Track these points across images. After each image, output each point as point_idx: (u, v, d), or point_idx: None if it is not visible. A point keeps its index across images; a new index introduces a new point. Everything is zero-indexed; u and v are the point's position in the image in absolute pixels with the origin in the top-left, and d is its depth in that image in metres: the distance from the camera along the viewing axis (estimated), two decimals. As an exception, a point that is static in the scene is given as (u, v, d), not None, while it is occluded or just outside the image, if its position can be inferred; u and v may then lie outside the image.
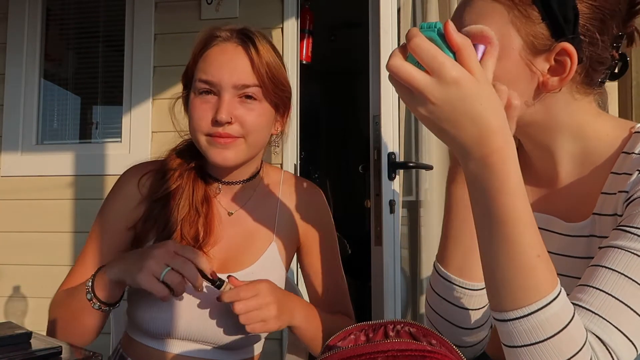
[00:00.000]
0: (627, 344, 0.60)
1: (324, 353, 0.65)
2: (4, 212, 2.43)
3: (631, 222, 0.65)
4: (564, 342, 0.57)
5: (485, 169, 0.57)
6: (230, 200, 1.06)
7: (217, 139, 0.94)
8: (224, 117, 0.92)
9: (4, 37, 2.48)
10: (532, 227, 0.59)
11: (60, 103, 2.67)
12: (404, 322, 0.68)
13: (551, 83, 0.69)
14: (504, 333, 0.60)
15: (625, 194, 0.68)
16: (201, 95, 0.95)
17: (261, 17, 2.29)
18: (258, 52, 0.95)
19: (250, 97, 0.95)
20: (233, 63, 0.94)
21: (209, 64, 0.95)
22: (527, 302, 0.57)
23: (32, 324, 2.33)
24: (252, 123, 0.95)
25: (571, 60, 0.68)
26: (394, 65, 0.55)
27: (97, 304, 0.88)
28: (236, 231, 1.04)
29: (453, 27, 0.55)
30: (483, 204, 0.59)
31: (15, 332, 0.74)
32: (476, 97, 0.55)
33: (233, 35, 0.96)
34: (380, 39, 1.76)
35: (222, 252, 1.02)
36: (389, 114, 1.76)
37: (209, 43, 0.97)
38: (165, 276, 0.84)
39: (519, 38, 0.68)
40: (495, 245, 0.59)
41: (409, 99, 0.57)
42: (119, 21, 2.44)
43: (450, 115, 0.55)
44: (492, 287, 0.61)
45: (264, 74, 0.95)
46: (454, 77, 0.54)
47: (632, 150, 0.71)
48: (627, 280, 0.61)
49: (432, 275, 0.81)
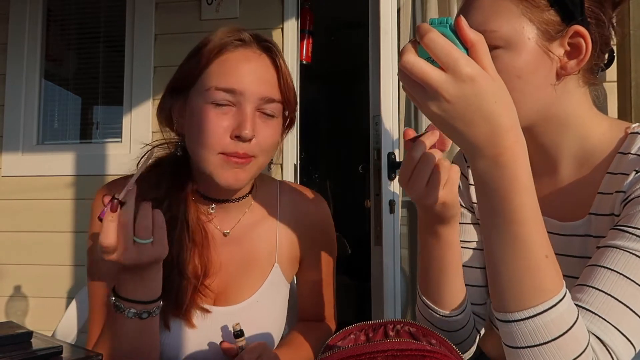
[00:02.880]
0: (626, 344, 0.60)
1: (324, 353, 0.65)
2: (4, 212, 2.43)
3: (629, 222, 0.65)
4: (569, 343, 0.56)
5: (496, 168, 0.56)
6: (223, 218, 0.95)
7: (234, 159, 0.82)
8: (249, 132, 0.81)
9: (4, 37, 2.49)
10: (541, 227, 0.59)
11: (61, 103, 2.67)
12: (404, 322, 0.68)
13: (570, 66, 0.70)
14: (507, 334, 0.60)
15: (622, 194, 0.68)
16: (218, 106, 0.82)
17: (261, 17, 2.29)
18: (283, 60, 0.87)
19: (268, 114, 0.85)
20: (260, 72, 0.84)
21: (230, 71, 0.83)
22: (534, 303, 0.57)
23: (33, 323, 2.33)
24: (269, 142, 0.86)
25: (585, 41, 0.69)
26: (408, 62, 0.54)
27: (131, 310, 0.78)
28: (234, 254, 0.94)
29: (466, 23, 0.54)
30: (492, 204, 0.58)
31: (16, 331, 0.74)
32: (490, 94, 0.54)
33: (252, 40, 0.86)
34: (380, 39, 1.77)
35: (222, 282, 0.92)
36: (389, 114, 1.77)
37: (227, 45, 0.84)
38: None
39: (534, 27, 0.69)
40: (503, 245, 0.58)
41: (420, 97, 0.56)
42: (120, 21, 2.44)
43: (463, 113, 0.54)
44: (497, 287, 0.60)
45: (288, 89, 0.87)
46: (469, 74, 0.52)
47: (628, 150, 0.71)
48: (626, 281, 0.61)
49: (417, 299, 0.85)
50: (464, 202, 0.93)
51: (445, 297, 0.80)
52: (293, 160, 2.23)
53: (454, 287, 0.80)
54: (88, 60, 2.73)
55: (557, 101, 0.73)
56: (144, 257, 0.75)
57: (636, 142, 0.72)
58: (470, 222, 0.92)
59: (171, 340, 0.87)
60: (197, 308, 0.88)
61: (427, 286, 0.82)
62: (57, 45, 2.65)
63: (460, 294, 0.82)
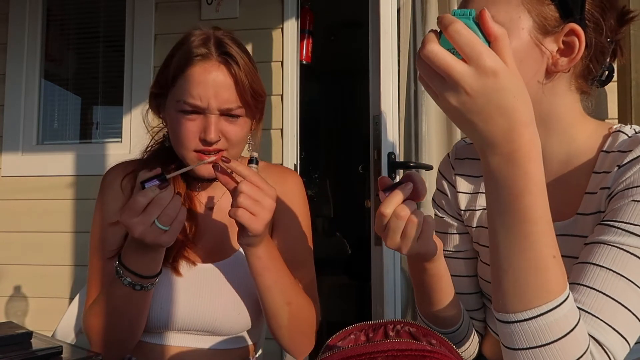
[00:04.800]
0: (621, 341, 0.59)
1: (324, 353, 0.65)
2: (4, 212, 2.43)
3: (615, 217, 0.64)
4: (570, 345, 0.56)
5: (510, 165, 0.55)
6: (208, 195, 1.10)
7: (206, 157, 0.96)
8: (213, 137, 0.94)
9: (4, 37, 2.48)
10: (551, 227, 0.58)
11: (61, 103, 2.67)
12: (404, 322, 0.68)
13: (561, 63, 0.71)
14: (508, 335, 0.59)
15: (607, 190, 0.68)
16: (187, 113, 0.96)
17: (261, 17, 2.29)
18: (240, 67, 0.96)
19: (232, 116, 0.97)
20: (218, 86, 0.94)
21: (192, 86, 0.95)
22: (538, 303, 0.57)
23: (33, 323, 2.33)
24: (236, 137, 0.98)
25: (579, 40, 0.69)
26: (432, 51, 0.53)
27: (127, 279, 0.89)
28: (217, 223, 1.08)
29: (489, 16, 0.54)
30: (503, 202, 0.57)
31: (15, 332, 0.74)
32: (510, 89, 0.53)
33: (212, 52, 0.96)
34: (380, 39, 1.76)
35: (208, 243, 1.06)
36: (389, 114, 1.77)
37: (189, 61, 0.96)
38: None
39: (530, 19, 0.69)
40: (511, 244, 0.58)
41: (439, 88, 0.55)
42: (119, 21, 2.44)
43: (482, 107, 0.53)
44: (501, 287, 0.60)
45: (247, 93, 0.97)
46: (492, 68, 0.52)
47: (611, 148, 0.72)
48: (616, 276, 0.61)
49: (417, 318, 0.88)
50: (451, 210, 0.93)
51: (441, 317, 0.83)
52: (293, 160, 2.23)
53: (448, 308, 0.82)
54: (88, 60, 2.72)
55: (543, 100, 0.73)
56: (151, 239, 0.84)
57: (617, 139, 0.72)
58: (456, 232, 0.92)
59: (159, 286, 0.97)
60: (184, 259, 1.01)
61: (423, 309, 0.85)
62: (57, 45, 2.65)
63: (455, 310, 0.84)
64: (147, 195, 0.83)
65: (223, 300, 1.01)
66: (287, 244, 1.07)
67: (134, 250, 0.88)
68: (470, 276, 0.91)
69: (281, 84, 2.25)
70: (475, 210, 0.89)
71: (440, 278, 0.80)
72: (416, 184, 0.73)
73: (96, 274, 1.03)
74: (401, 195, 0.71)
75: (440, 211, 0.95)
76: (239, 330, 1.04)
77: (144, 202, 0.83)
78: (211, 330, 1.01)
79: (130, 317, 0.93)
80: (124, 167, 1.09)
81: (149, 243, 0.85)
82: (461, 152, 0.93)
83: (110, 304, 0.93)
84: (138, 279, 0.89)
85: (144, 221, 0.83)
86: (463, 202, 0.90)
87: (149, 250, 0.88)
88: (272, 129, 2.23)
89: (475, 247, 0.90)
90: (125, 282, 0.89)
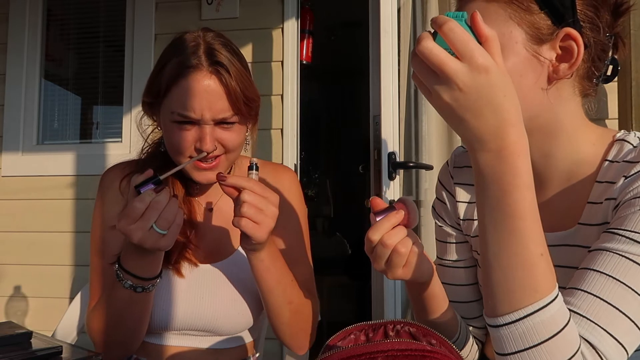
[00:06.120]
0: (617, 347, 0.59)
1: (324, 353, 0.65)
2: (4, 212, 2.43)
3: (620, 225, 0.64)
4: (558, 346, 0.56)
5: (498, 161, 0.57)
6: (207, 197, 1.10)
7: (203, 164, 0.96)
8: (209, 147, 0.94)
9: (4, 37, 2.48)
10: (539, 224, 0.58)
11: (61, 103, 2.67)
12: (404, 322, 0.69)
13: (562, 69, 0.70)
14: (497, 340, 0.59)
15: (613, 201, 0.68)
16: (181, 124, 0.94)
17: (261, 17, 2.29)
18: (231, 76, 0.94)
19: (227, 123, 0.97)
20: (211, 97, 0.93)
21: (185, 97, 0.93)
22: (525, 304, 0.57)
23: (33, 323, 2.33)
24: (232, 143, 0.98)
25: (577, 43, 0.68)
26: (427, 48, 0.55)
27: (127, 282, 0.89)
28: (216, 224, 1.09)
29: (481, 18, 0.56)
30: (492, 198, 0.58)
31: (15, 332, 0.74)
32: (501, 87, 0.55)
33: (202, 62, 0.93)
34: (380, 39, 1.76)
35: (207, 245, 1.06)
36: (389, 114, 1.76)
37: (181, 73, 0.94)
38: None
39: (522, 31, 0.69)
40: (499, 240, 0.58)
41: (432, 84, 0.56)
42: (119, 21, 2.44)
43: (474, 104, 0.55)
44: (489, 288, 0.60)
45: (239, 101, 0.95)
46: (484, 65, 0.54)
47: (615, 158, 0.71)
48: (615, 283, 0.61)
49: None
50: (450, 220, 0.93)
51: (438, 329, 0.82)
52: (293, 160, 2.23)
53: (444, 322, 0.83)
54: (88, 60, 2.72)
55: (550, 107, 0.72)
56: (150, 244, 0.84)
57: (622, 148, 0.71)
58: (455, 242, 0.92)
59: (161, 287, 0.98)
60: (186, 261, 1.01)
61: (420, 320, 0.85)
62: (57, 45, 2.65)
63: (452, 322, 0.84)
64: (144, 201, 0.82)
65: (224, 300, 1.01)
66: (285, 241, 1.08)
67: (133, 254, 0.88)
68: (470, 284, 0.91)
69: (281, 83, 2.25)
70: (474, 219, 0.89)
71: (433, 297, 0.81)
72: (408, 212, 0.74)
73: (97, 273, 1.04)
74: (390, 223, 0.72)
75: (440, 220, 0.95)
76: (239, 329, 1.05)
77: (141, 208, 0.82)
78: (212, 330, 1.01)
79: (133, 318, 0.94)
80: (122, 169, 1.08)
81: (148, 248, 0.85)
82: (460, 160, 0.93)
83: (112, 307, 0.93)
84: (138, 281, 0.89)
85: (142, 227, 0.82)
86: (462, 211, 0.91)
87: (148, 254, 0.88)
88: (272, 129, 2.23)
89: (475, 255, 0.90)
90: (126, 285, 0.89)
